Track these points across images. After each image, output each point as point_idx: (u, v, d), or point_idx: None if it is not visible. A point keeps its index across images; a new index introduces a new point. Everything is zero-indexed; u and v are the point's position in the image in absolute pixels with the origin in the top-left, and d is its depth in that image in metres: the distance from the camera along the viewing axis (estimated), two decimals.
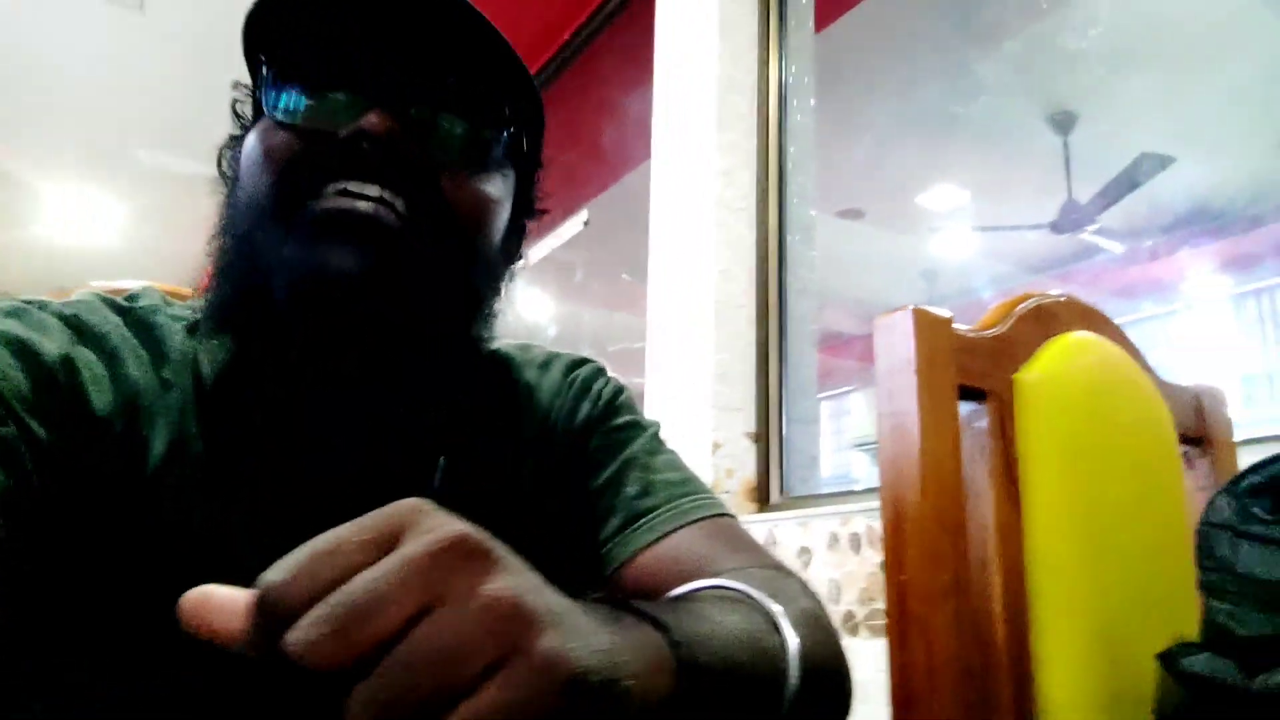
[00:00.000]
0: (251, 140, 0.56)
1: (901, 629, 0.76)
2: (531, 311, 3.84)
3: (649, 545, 0.61)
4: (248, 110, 0.62)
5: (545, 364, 0.71)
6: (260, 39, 0.56)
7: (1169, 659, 0.76)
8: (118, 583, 0.51)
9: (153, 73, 3.79)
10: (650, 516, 0.63)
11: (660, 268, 2.38)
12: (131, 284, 0.95)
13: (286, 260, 0.51)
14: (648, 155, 2.54)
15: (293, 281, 0.51)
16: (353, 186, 0.52)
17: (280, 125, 0.54)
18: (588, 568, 0.64)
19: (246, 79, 0.62)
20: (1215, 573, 0.74)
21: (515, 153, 0.62)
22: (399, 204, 0.53)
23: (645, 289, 2.42)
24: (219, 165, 0.63)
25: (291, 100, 0.55)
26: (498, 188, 0.60)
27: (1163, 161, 3.04)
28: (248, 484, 0.55)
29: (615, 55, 3.28)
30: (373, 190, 0.52)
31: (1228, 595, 0.72)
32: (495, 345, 0.69)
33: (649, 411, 2.35)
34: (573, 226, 3.19)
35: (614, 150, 3.35)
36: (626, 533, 0.63)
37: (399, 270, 0.52)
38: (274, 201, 0.53)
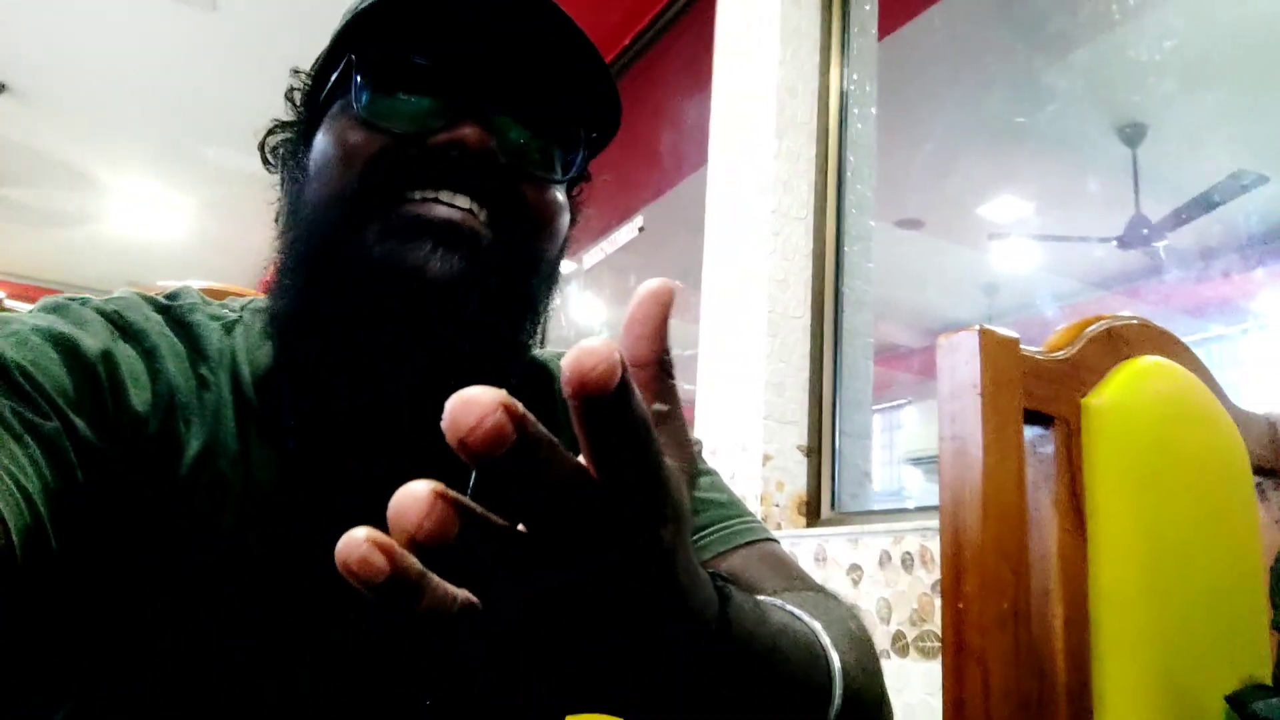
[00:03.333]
0: (332, 137, 0.56)
1: (958, 659, 0.74)
2: (585, 315, 3.85)
3: None
4: (310, 100, 0.61)
5: None
6: (357, 36, 0.56)
7: (1239, 702, 0.73)
8: (148, 581, 0.51)
9: (223, 72, 3.89)
10: (697, 539, 0.62)
11: (714, 275, 2.37)
12: (172, 284, 0.97)
13: (379, 260, 0.52)
14: (704, 161, 2.53)
15: (384, 281, 0.51)
16: (444, 196, 0.53)
17: (368, 125, 0.54)
18: None
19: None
20: None
21: (584, 167, 0.63)
22: (484, 215, 0.54)
23: (698, 296, 2.41)
24: (262, 151, 0.63)
25: (383, 101, 0.55)
26: (565, 199, 0.61)
27: (1243, 183, 2.94)
28: (282, 488, 0.55)
29: (674, 60, 3.27)
30: (463, 201, 0.53)
31: None
32: (535, 353, 0.68)
33: (699, 420, 2.33)
34: (628, 232, 3.19)
35: (670, 156, 3.35)
36: None
37: (486, 279, 0.53)
38: (361, 201, 0.53)
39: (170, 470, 0.52)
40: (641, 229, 3.16)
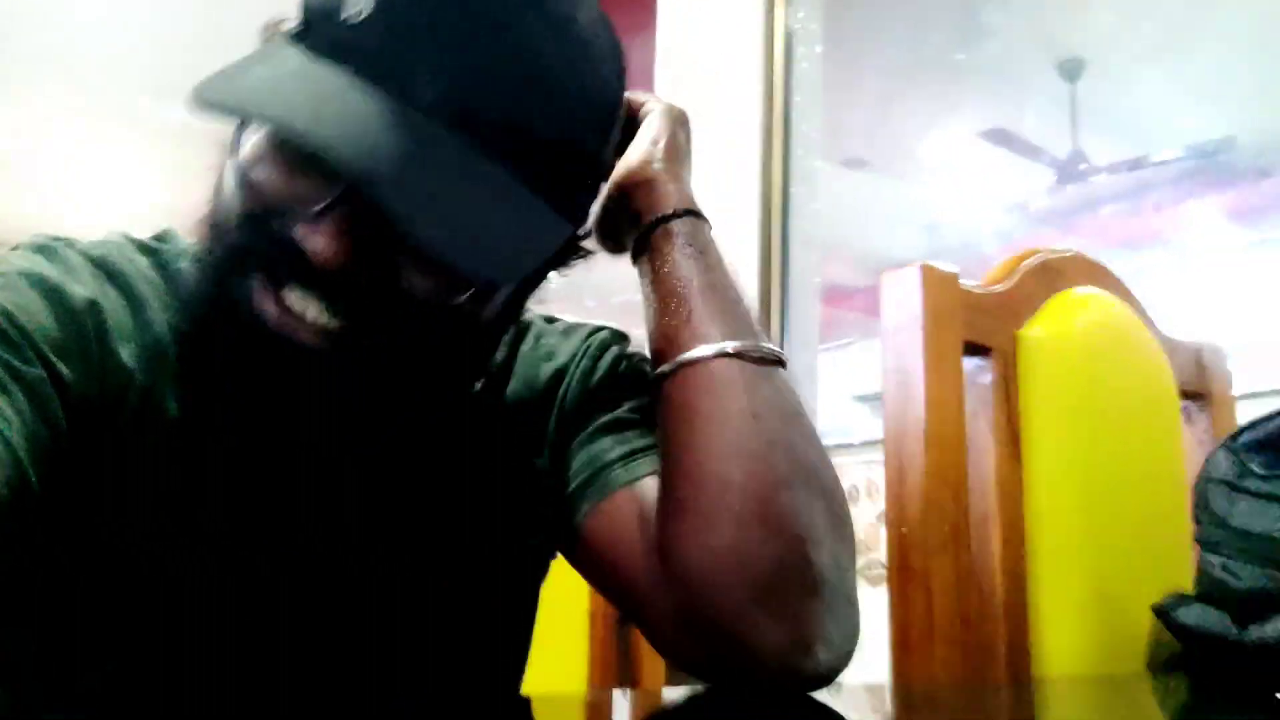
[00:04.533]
0: (226, 175, 0.50)
1: (902, 582, 0.77)
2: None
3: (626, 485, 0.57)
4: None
5: (566, 331, 0.69)
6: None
7: (1163, 611, 0.77)
8: (129, 534, 0.51)
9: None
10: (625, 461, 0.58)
11: None
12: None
13: (229, 350, 0.49)
14: None
15: (233, 371, 0.49)
16: (293, 298, 0.46)
17: (242, 178, 0.48)
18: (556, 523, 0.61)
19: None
20: (1211, 527, 0.75)
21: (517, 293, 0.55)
22: (340, 324, 0.47)
23: None
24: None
25: (252, 160, 0.48)
26: (489, 298, 0.51)
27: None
28: (252, 445, 0.54)
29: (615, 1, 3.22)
30: (312, 312, 0.46)
31: (1222, 549, 0.73)
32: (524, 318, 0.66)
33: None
34: None
35: None
36: (604, 475, 0.58)
37: (341, 388, 0.49)
38: (230, 262, 0.49)
39: (158, 421, 0.52)
40: None
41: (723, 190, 2.23)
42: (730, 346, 0.51)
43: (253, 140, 0.48)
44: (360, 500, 0.57)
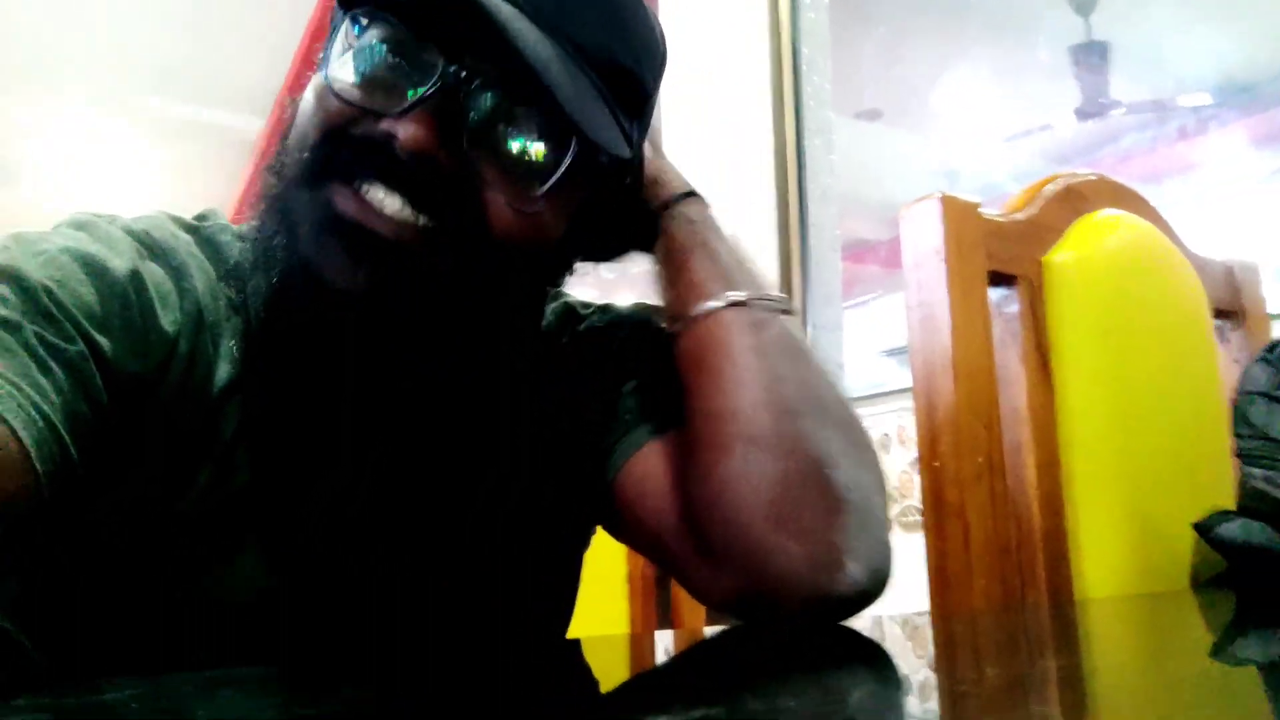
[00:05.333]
0: (307, 92, 0.53)
1: (937, 515, 0.77)
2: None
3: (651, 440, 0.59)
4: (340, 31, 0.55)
5: (604, 309, 0.70)
6: None
7: (1205, 528, 0.76)
8: (175, 501, 0.52)
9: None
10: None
11: None
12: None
13: (301, 260, 0.49)
14: None
15: (303, 286, 0.49)
16: (375, 193, 0.48)
17: (331, 90, 0.50)
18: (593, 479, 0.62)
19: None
20: (1251, 440, 0.74)
21: (591, 169, 0.53)
22: (422, 219, 0.48)
23: None
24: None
25: (349, 63, 0.50)
26: (556, 210, 0.53)
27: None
28: (303, 414, 0.54)
29: None
30: (394, 203, 0.48)
31: (1263, 460, 0.72)
32: (565, 298, 0.67)
33: None
34: None
35: None
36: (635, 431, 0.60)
37: (403, 294, 0.49)
38: (304, 175, 0.50)
39: (203, 393, 0.52)
40: None
41: (736, 147, 2.21)
42: (734, 297, 0.56)
43: (349, 45, 0.51)
44: (409, 468, 0.57)
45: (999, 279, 0.83)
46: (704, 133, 2.25)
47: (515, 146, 0.50)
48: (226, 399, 0.53)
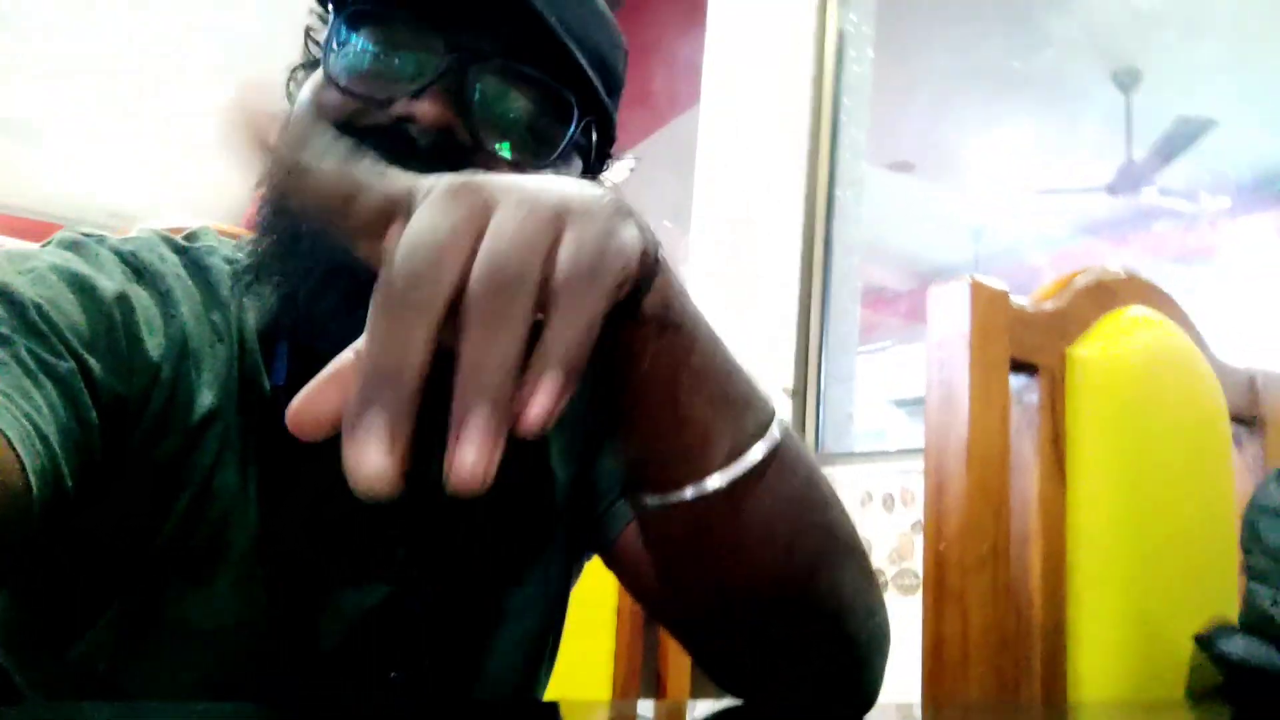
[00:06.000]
0: (304, 91, 0.54)
1: (938, 599, 0.76)
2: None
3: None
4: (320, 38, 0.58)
5: None
6: None
7: (1206, 641, 0.76)
8: (153, 531, 0.51)
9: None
10: None
11: (704, 217, 2.36)
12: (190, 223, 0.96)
13: (321, 246, 0.50)
14: (695, 101, 2.50)
15: (325, 266, 0.50)
16: None
17: (334, 83, 0.52)
18: (604, 528, 0.63)
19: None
20: (1261, 558, 0.74)
21: (585, 142, 0.59)
22: None
23: (687, 238, 2.41)
24: (286, 89, 0.60)
25: (350, 57, 0.52)
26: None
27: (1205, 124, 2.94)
28: (286, 445, 0.53)
29: None
30: None
31: (1272, 580, 0.71)
32: None
33: None
34: (619, 172, 3.16)
35: (661, 94, 3.30)
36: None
37: None
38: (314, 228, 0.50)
39: (182, 420, 0.52)
40: (633, 169, 3.13)
41: (768, 189, 2.22)
42: (755, 456, 0.41)
43: (347, 40, 0.52)
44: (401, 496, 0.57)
45: (1021, 366, 0.83)
46: (737, 172, 2.27)
47: (524, 117, 0.53)
48: (207, 426, 0.52)
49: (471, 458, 0.27)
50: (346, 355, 0.30)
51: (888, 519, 1.75)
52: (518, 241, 0.29)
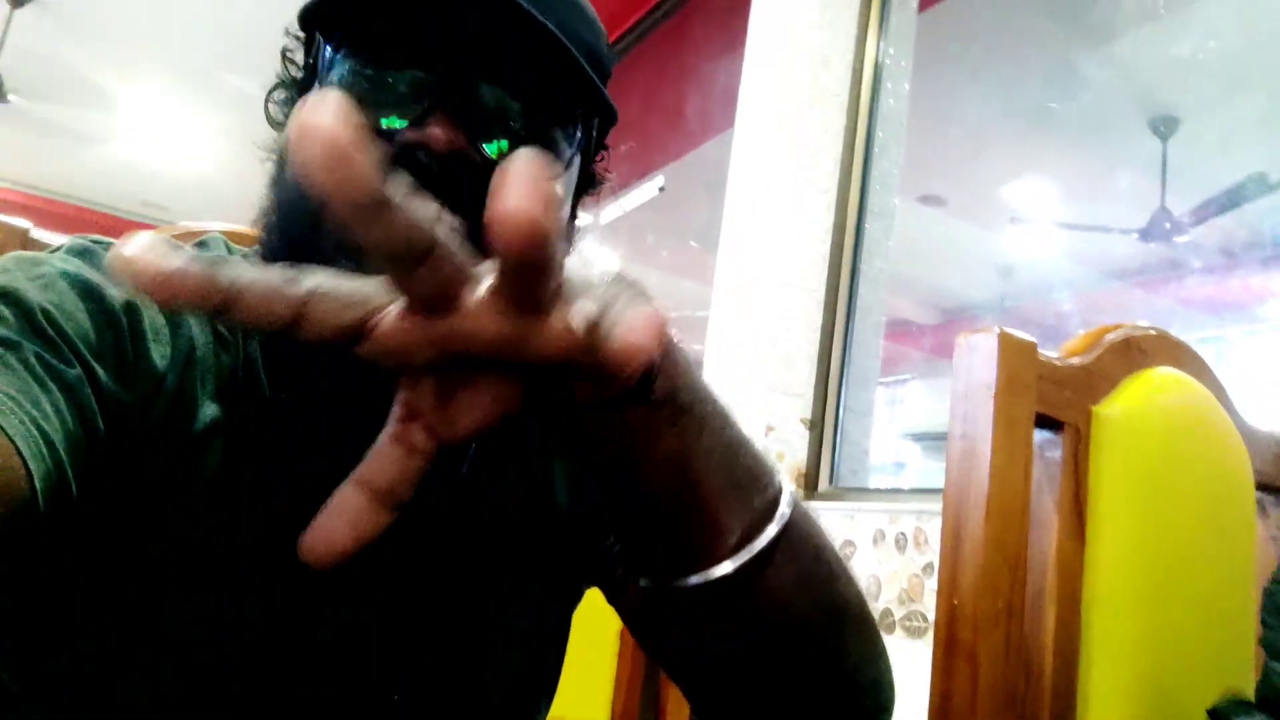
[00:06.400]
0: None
1: (949, 654, 0.75)
2: (599, 270, 3.85)
3: None
4: (298, 60, 0.58)
5: None
6: (317, 11, 0.53)
7: (1220, 715, 0.74)
8: (154, 536, 0.51)
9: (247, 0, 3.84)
10: None
11: (732, 241, 2.36)
12: (211, 226, 0.96)
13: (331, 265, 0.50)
14: (729, 125, 2.51)
15: None
16: None
17: None
18: (609, 561, 0.62)
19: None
20: None
21: (584, 146, 0.59)
22: (455, 221, 0.49)
23: (712, 259, 2.41)
24: (266, 111, 0.60)
25: (345, 84, 0.51)
26: (561, 188, 0.56)
27: (1269, 183, 2.91)
28: (288, 455, 0.53)
29: (706, 20, 3.22)
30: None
31: None
32: None
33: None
34: (648, 190, 3.17)
35: (696, 117, 3.31)
36: None
37: None
38: (321, 205, 0.50)
39: (186, 429, 0.51)
40: (662, 189, 3.14)
41: (797, 218, 2.21)
42: (766, 538, 0.40)
43: (348, 67, 0.51)
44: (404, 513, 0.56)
45: (1046, 422, 0.82)
46: (766, 199, 2.26)
47: (530, 127, 0.52)
48: (210, 436, 0.52)
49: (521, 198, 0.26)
50: (345, 488, 0.31)
51: (900, 559, 1.73)
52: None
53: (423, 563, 0.57)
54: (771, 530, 0.40)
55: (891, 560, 1.73)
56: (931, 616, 1.59)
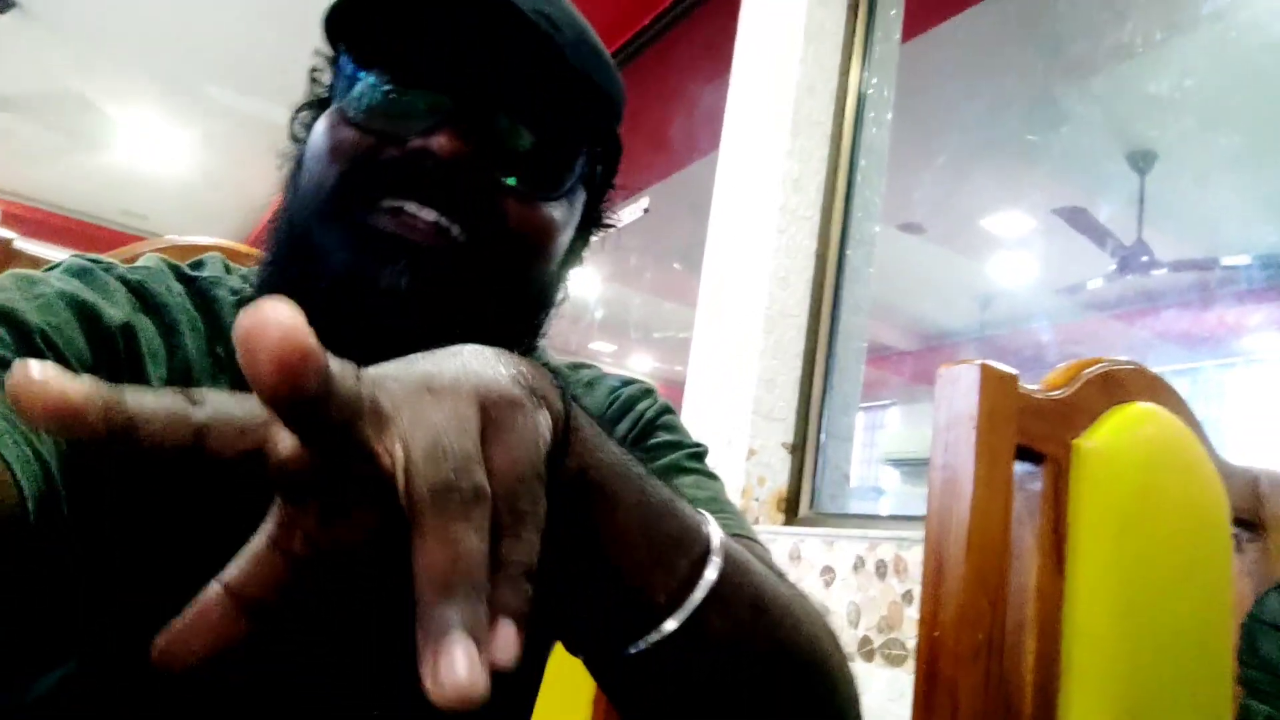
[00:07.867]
0: (319, 130, 0.54)
1: (929, 688, 0.75)
2: (580, 289, 3.85)
3: None
4: (325, 80, 0.59)
5: (591, 383, 0.69)
6: (342, 27, 0.55)
7: None
8: (146, 557, 0.51)
9: (229, 10, 3.83)
10: None
11: (715, 265, 2.37)
12: (201, 240, 0.96)
13: (334, 270, 0.50)
14: (714, 147, 2.52)
15: (336, 292, 0.50)
16: (410, 208, 0.50)
17: (350, 122, 0.52)
18: None
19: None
20: (1257, 672, 0.73)
21: (590, 175, 0.60)
22: (455, 229, 0.51)
23: (696, 281, 2.41)
24: (291, 129, 0.61)
25: (364, 97, 0.53)
26: (564, 212, 0.57)
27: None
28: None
29: (692, 45, 3.25)
30: (429, 215, 0.50)
31: (1270, 698, 0.70)
32: (547, 359, 0.67)
33: (686, 405, 2.34)
34: (632, 212, 3.18)
35: (681, 139, 3.33)
36: None
37: (443, 293, 0.51)
38: (330, 204, 0.52)
39: None
40: (646, 210, 3.15)
41: (780, 247, 2.22)
42: (707, 582, 0.40)
43: (361, 79, 0.53)
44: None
45: (1027, 454, 0.83)
46: (749, 223, 2.28)
47: (535, 151, 0.54)
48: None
49: (463, 668, 0.25)
50: (210, 592, 0.29)
51: (879, 586, 1.73)
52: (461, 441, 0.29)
53: (401, 584, 0.57)
54: (698, 595, 0.39)
55: (871, 587, 1.73)
56: (911, 644, 1.59)
